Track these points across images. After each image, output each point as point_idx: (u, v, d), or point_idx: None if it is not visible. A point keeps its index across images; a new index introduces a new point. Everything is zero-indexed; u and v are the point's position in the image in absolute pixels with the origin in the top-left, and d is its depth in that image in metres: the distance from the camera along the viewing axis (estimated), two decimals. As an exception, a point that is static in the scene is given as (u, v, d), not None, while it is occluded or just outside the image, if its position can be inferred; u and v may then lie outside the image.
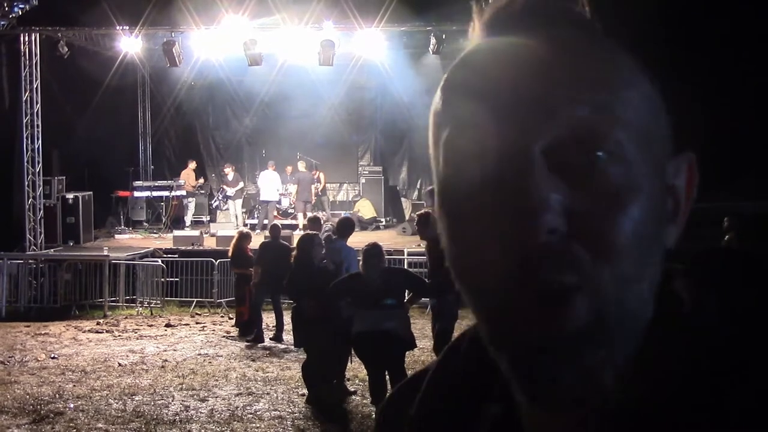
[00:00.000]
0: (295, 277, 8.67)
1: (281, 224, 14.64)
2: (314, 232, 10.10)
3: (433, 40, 15.80)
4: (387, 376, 7.63)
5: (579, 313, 0.61)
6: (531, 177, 0.60)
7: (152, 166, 23.14)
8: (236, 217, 19.60)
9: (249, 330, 12.10)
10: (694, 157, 0.71)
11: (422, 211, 9.82)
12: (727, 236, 13.71)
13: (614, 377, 0.63)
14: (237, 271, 12.61)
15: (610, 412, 0.64)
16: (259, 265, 11.62)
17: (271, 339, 11.89)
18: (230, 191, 19.74)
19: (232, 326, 12.95)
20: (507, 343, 0.64)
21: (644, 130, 0.64)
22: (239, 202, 19.88)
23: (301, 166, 19.66)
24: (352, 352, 8.13)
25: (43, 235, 16.82)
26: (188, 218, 20.16)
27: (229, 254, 12.70)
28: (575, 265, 0.60)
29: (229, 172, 19.87)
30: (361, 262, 7.84)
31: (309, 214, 14.57)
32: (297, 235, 14.56)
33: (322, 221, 13.25)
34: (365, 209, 19.83)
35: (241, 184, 19.92)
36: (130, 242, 18.23)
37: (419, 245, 13.21)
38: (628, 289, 0.62)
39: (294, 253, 8.91)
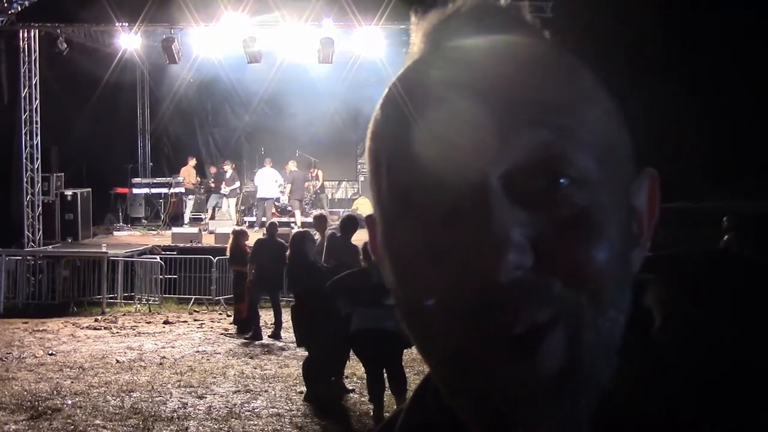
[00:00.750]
0: (290, 274, 8.68)
1: (279, 221, 14.65)
2: (306, 229, 10.13)
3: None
4: (385, 374, 7.63)
5: (555, 350, 0.55)
6: (490, 210, 0.54)
7: (151, 163, 23.13)
8: (230, 215, 19.62)
9: (247, 327, 12.09)
10: (656, 172, 0.65)
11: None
12: (726, 236, 13.73)
13: (591, 415, 0.57)
14: (235, 268, 12.61)
15: None
16: (254, 263, 11.61)
17: (269, 336, 11.88)
18: (225, 189, 19.76)
19: (230, 323, 12.94)
20: (470, 393, 0.57)
21: (608, 150, 0.59)
22: (233, 200, 19.93)
23: (293, 165, 19.65)
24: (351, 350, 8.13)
25: (41, 232, 16.81)
26: (187, 215, 20.15)
27: (227, 252, 12.71)
28: (547, 298, 0.55)
29: (228, 170, 19.87)
30: (361, 260, 7.84)
31: (315, 212, 14.55)
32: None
33: (328, 219, 13.27)
34: (364, 207, 19.82)
35: (237, 183, 19.95)
36: (128, 239, 18.21)
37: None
38: (604, 318, 0.56)
39: (288, 251, 8.92)
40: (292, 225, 18.38)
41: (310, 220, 17.56)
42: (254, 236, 15.61)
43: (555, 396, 0.55)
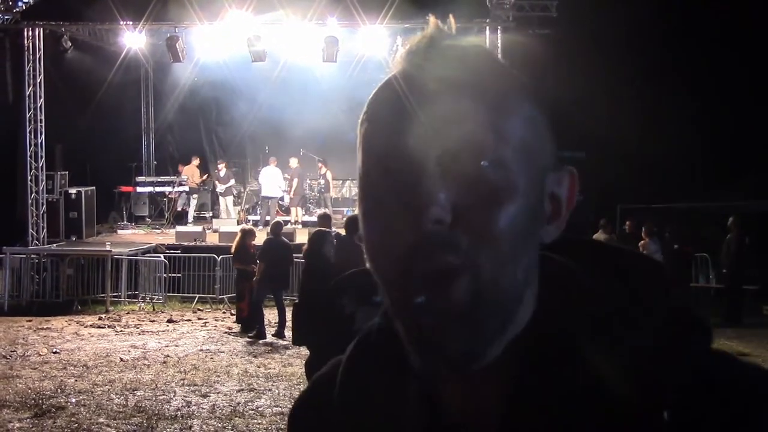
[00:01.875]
0: (306, 272, 8.67)
1: (283, 221, 14.65)
2: (326, 229, 10.13)
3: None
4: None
5: (462, 288, 0.73)
6: (424, 179, 0.73)
7: (155, 162, 23.13)
8: (228, 212, 19.65)
9: (250, 326, 12.10)
10: (575, 171, 0.83)
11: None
12: (729, 235, 13.71)
13: (496, 347, 0.76)
14: (238, 267, 12.62)
15: (504, 378, 0.78)
16: (263, 262, 11.63)
17: (273, 335, 11.89)
18: (220, 187, 19.81)
19: (234, 322, 12.95)
20: (404, 314, 0.76)
21: (526, 146, 0.76)
22: (230, 198, 19.99)
23: (294, 162, 19.65)
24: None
25: (45, 230, 16.82)
26: (191, 214, 20.16)
27: (232, 250, 12.72)
28: (457, 249, 0.73)
29: (222, 169, 19.94)
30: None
31: (318, 211, 14.55)
32: (299, 231, 14.61)
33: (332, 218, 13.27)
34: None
35: (232, 182, 20.01)
36: (132, 237, 18.23)
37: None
38: (502, 271, 0.74)
39: (305, 247, 8.88)
40: (292, 223, 18.41)
41: (313, 218, 17.59)
42: (258, 235, 15.65)
43: (463, 323, 0.73)
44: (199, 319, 13.64)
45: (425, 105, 0.76)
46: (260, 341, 11.63)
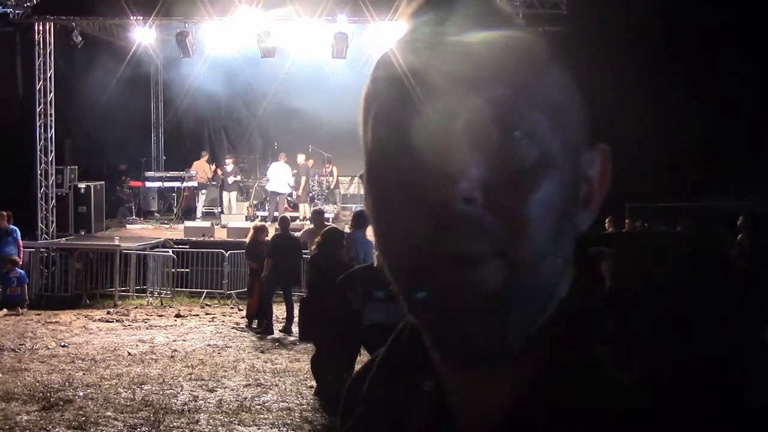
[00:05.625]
0: (314, 268, 8.66)
1: (290, 216, 14.66)
2: (336, 226, 10.15)
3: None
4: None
5: (491, 277, 0.65)
6: (449, 153, 0.64)
7: (164, 157, 23.18)
8: (230, 208, 19.69)
9: (258, 322, 12.14)
10: (608, 148, 0.75)
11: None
12: (740, 235, 13.64)
13: (522, 340, 0.67)
14: (248, 262, 12.68)
15: (523, 381, 0.68)
16: (270, 258, 11.64)
17: (280, 331, 11.90)
18: (228, 180, 19.88)
19: (242, 317, 12.97)
20: (424, 306, 0.68)
21: (559, 116, 0.68)
22: (234, 194, 20.05)
23: (301, 158, 19.67)
24: (361, 345, 8.11)
25: (54, 224, 16.88)
26: (199, 209, 20.20)
27: (245, 246, 12.77)
28: (489, 233, 0.64)
29: (229, 164, 19.97)
30: (375, 254, 7.83)
31: (315, 208, 14.56)
32: (307, 227, 14.58)
33: (325, 214, 13.32)
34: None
35: (238, 177, 20.08)
36: (141, 232, 18.27)
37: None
38: (541, 261, 0.66)
39: (318, 240, 8.87)
40: (300, 219, 18.41)
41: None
42: (272, 231, 15.65)
43: (490, 314, 0.65)
44: (206, 314, 13.65)
45: (445, 67, 0.67)
46: (267, 337, 11.64)
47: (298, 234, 12.95)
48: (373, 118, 0.72)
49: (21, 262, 14.30)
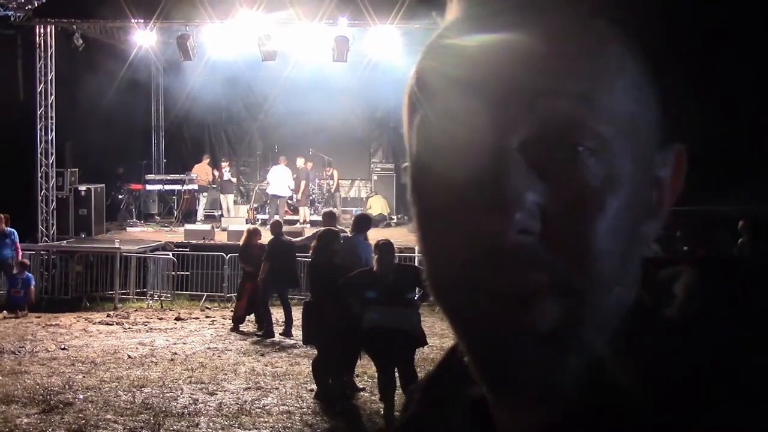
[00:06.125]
0: (312, 271, 8.66)
1: (290, 219, 14.66)
2: (339, 228, 10.15)
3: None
4: (396, 374, 7.61)
5: (548, 314, 0.57)
6: (505, 173, 0.57)
7: (164, 160, 23.18)
8: (228, 211, 19.72)
9: (259, 325, 12.14)
10: (684, 147, 0.66)
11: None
12: (741, 239, 13.63)
13: (577, 379, 0.59)
14: (241, 265, 12.73)
15: (574, 417, 0.60)
16: (267, 261, 11.63)
17: (280, 334, 11.89)
18: (226, 181, 19.94)
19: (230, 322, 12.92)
20: (472, 340, 0.62)
21: (630, 121, 0.60)
22: (230, 197, 20.09)
23: (301, 162, 19.67)
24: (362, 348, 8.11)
25: (55, 227, 16.87)
26: (200, 212, 20.20)
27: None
28: (547, 267, 0.57)
29: (225, 167, 20.01)
30: (374, 258, 7.82)
31: (325, 210, 14.55)
32: (307, 230, 14.61)
33: (337, 215, 13.33)
34: (377, 206, 19.80)
35: (234, 179, 20.14)
36: (141, 235, 18.26)
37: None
38: (604, 293, 0.59)
39: (314, 244, 8.86)
40: (301, 223, 18.42)
41: (319, 218, 17.59)
42: (267, 234, 15.65)
43: (542, 356, 0.58)
44: (206, 317, 13.64)
45: (496, 73, 0.58)
46: (267, 340, 11.64)
47: (298, 238, 12.94)
48: (418, 126, 0.63)
49: (29, 264, 14.33)
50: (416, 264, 11.20)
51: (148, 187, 20.51)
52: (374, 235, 9.72)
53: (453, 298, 0.61)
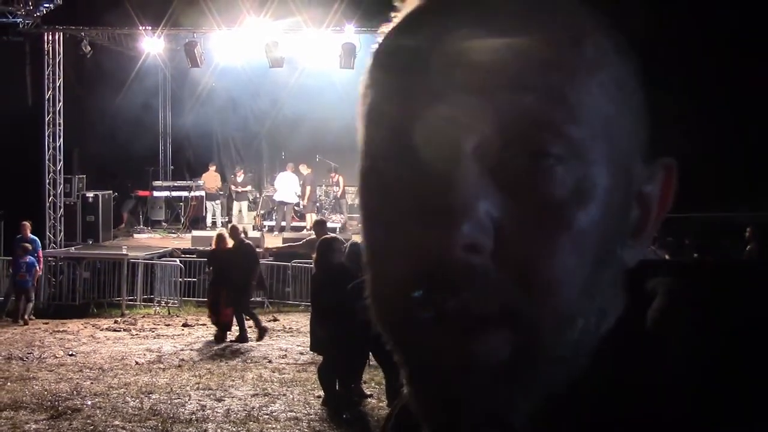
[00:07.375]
0: (315, 281, 8.68)
1: (292, 226, 14.61)
2: (332, 236, 10.12)
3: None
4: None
5: (498, 347, 0.49)
6: (455, 179, 0.49)
7: (172, 166, 23.24)
8: (241, 217, 19.74)
9: (225, 333, 12.07)
10: (674, 162, 0.57)
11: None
12: (748, 247, 13.60)
13: (534, 417, 0.51)
14: (209, 271, 12.64)
15: None
16: (229, 267, 11.63)
17: (233, 341, 11.83)
18: (240, 189, 19.94)
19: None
20: (414, 369, 0.53)
21: (609, 127, 0.51)
22: (245, 203, 20.10)
23: (304, 168, 19.68)
24: (369, 355, 8.11)
25: (62, 233, 16.93)
26: (209, 219, 20.21)
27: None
28: (497, 292, 0.49)
29: (240, 174, 20.03)
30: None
31: (317, 218, 14.56)
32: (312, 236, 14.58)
33: (327, 224, 13.31)
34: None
35: (249, 187, 20.10)
36: (148, 242, 18.31)
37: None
38: (566, 323, 0.50)
39: (314, 256, 8.89)
40: (307, 229, 18.42)
41: (330, 225, 17.60)
42: (274, 240, 15.72)
43: (491, 392, 0.50)
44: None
45: (454, 63, 0.50)
46: (275, 346, 11.63)
47: (296, 243, 12.93)
48: (366, 113, 0.57)
49: (31, 248, 14.14)
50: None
51: (155, 193, 20.55)
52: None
53: (393, 317, 0.53)
